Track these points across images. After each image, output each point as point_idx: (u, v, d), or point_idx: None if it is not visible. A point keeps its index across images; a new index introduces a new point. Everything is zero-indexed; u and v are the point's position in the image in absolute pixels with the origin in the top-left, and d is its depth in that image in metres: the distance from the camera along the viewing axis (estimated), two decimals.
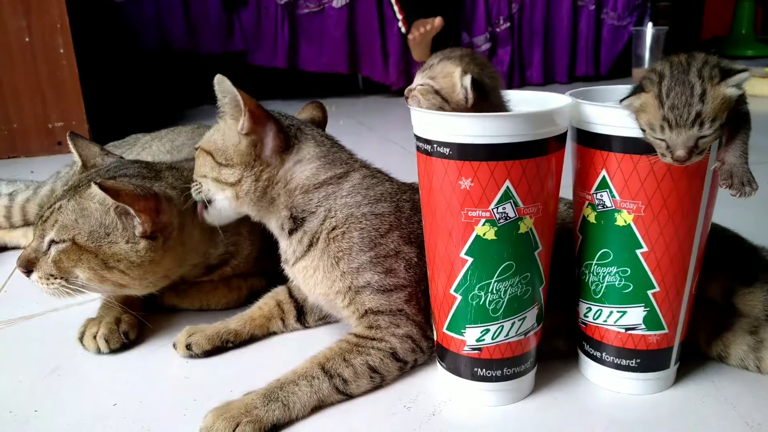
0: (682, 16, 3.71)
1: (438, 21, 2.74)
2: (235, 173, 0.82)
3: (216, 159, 0.82)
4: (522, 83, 3.39)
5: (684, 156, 0.62)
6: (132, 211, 0.84)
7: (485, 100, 0.71)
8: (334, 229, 0.81)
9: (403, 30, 2.91)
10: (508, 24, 3.27)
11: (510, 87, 3.30)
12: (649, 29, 3.14)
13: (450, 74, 0.69)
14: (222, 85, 0.80)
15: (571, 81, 3.45)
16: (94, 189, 0.83)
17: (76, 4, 2.11)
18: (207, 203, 0.85)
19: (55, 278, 0.86)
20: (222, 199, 0.83)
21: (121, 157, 1.01)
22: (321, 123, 0.96)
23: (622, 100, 0.66)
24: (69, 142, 0.96)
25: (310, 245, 0.82)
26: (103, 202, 0.85)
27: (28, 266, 0.87)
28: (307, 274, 0.83)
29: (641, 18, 3.44)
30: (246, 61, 3.01)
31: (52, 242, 0.86)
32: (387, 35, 3.05)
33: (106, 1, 2.75)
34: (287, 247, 0.85)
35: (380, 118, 2.68)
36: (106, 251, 0.85)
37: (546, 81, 3.42)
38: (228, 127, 0.82)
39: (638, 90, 0.65)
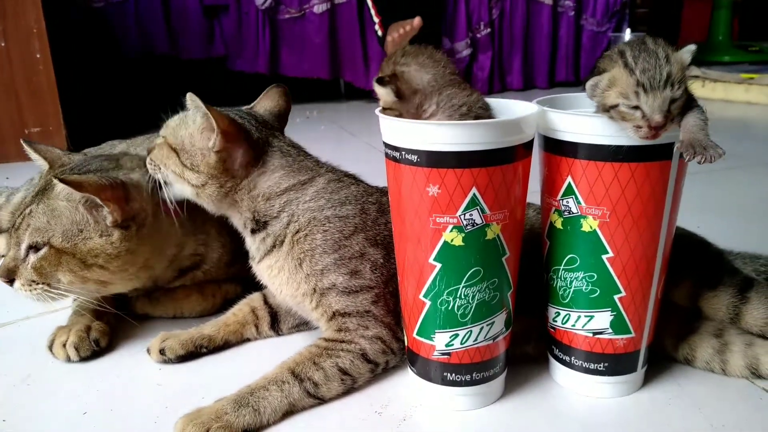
0: (659, 22, 3.76)
1: (417, 21, 2.74)
2: (199, 178, 0.82)
3: (181, 159, 0.82)
4: (503, 89, 3.41)
5: (661, 121, 0.63)
6: (99, 201, 0.84)
7: (410, 92, 0.72)
8: (297, 232, 0.81)
9: (379, 33, 2.91)
10: (489, 30, 3.29)
11: (491, 92, 3.35)
12: (627, 35, 3.19)
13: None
14: (194, 103, 0.80)
15: (552, 86, 3.48)
16: (59, 186, 0.83)
17: (53, 9, 2.09)
18: (164, 182, 0.85)
19: (38, 284, 0.86)
20: (181, 188, 0.84)
21: (85, 153, 1.00)
22: (285, 112, 0.94)
23: (585, 81, 0.68)
24: (27, 149, 0.95)
25: (274, 246, 0.83)
26: (70, 198, 0.85)
27: (8, 276, 0.86)
28: (272, 273, 0.84)
29: (620, 24, 3.49)
30: (227, 66, 3.00)
31: (30, 248, 0.86)
32: (368, 41, 3.06)
33: (85, 6, 2.73)
34: (251, 244, 0.86)
35: (362, 123, 2.69)
36: (82, 249, 0.85)
37: (526, 86, 3.45)
38: (197, 134, 0.81)
39: (597, 73, 0.67)
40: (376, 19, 2.89)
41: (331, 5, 2.98)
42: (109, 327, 0.94)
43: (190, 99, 0.80)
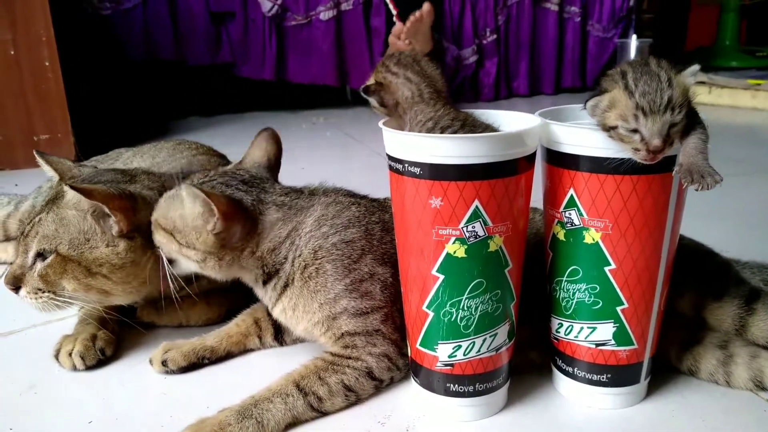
0: (666, 27, 3.75)
1: (426, 7, 2.72)
2: (198, 255, 0.81)
3: (176, 239, 0.81)
4: (509, 95, 3.42)
5: (660, 145, 0.63)
6: (107, 210, 0.84)
7: (391, 100, 0.75)
8: (306, 267, 0.81)
9: (397, 24, 2.88)
10: (495, 36, 3.30)
11: (497, 98, 3.35)
12: (634, 41, 3.19)
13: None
14: (190, 191, 0.77)
15: (558, 92, 3.48)
16: (69, 193, 0.84)
17: (61, 17, 2.12)
18: (168, 260, 0.84)
19: (43, 292, 0.86)
20: (186, 263, 0.83)
21: (95, 167, 1.02)
22: (275, 157, 0.92)
23: (586, 102, 0.68)
24: (39, 160, 0.97)
25: (286, 286, 0.82)
26: (78, 206, 0.86)
27: (15, 283, 0.87)
28: (288, 315, 0.83)
29: (626, 30, 3.49)
30: (233, 73, 3.02)
31: (37, 256, 0.87)
32: (374, 47, 3.07)
33: (93, 13, 2.76)
34: (263, 295, 0.86)
35: (368, 130, 2.69)
36: (87, 257, 0.86)
37: (532, 92, 3.45)
38: (192, 216, 0.79)
39: (599, 93, 0.67)
40: (393, 11, 2.87)
41: (338, 12, 2.99)
42: (114, 336, 0.94)
43: (186, 189, 0.77)
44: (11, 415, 0.80)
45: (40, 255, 0.86)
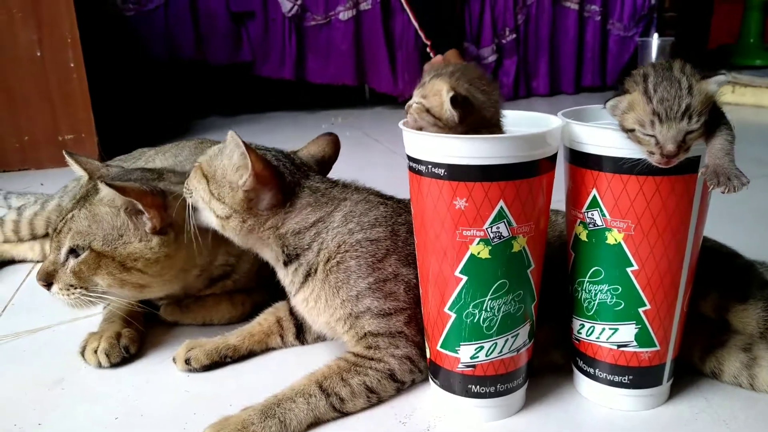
0: (688, 25, 3.70)
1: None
2: (224, 210, 0.82)
3: (210, 188, 0.83)
4: (528, 94, 3.40)
5: (674, 151, 0.63)
6: (141, 207, 0.86)
7: (474, 114, 0.71)
8: (329, 260, 0.81)
9: (432, 56, 2.95)
10: (514, 35, 3.28)
11: (516, 97, 3.34)
12: (655, 40, 3.15)
13: (438, 92, 0.69)
14: (234, 141, 0.80)
15: (578, 91, 3.45)
16: (103, 190, 0.86)
17: (86, 18, 2.15)
18: (194, 208, 0.86)
19: (75, 288, 0.88)
20: (208, 216, 0.85)
21: (121, 167, 1.03)
22: (329, 159, 0.95)
23: (606, 102, 0.67)
24: (69, 159, 0.99)
25: (307, 275, 0.83)
26: (112, 203, 0.88)
27: (47, 279, 0.89)
28: (309, 305, 0.84)
29: (647, 28, 3.44)
30: (253, 72, 3.04)
31: (70, 252, 0.88)
32: (394, 47, 3.07)
33: (117, 14, 2.79)
34: (284, 277, 0.86)
35: (387, 129, 2.69)
36: (122, 252, 0.88)
37: (552, 92, 3.42)
38: (231, 169, 0.81)
39: (621, 93, 0.67)
40: (427, 42, 2.95)
41: (357, 12, 3.00)
42: (138, 334, 0.96)
43: (231, 137, 0.80)
44: (40, 409, 0.82)
45: (73, 251, 0.88)
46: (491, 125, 0.73)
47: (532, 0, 3.27)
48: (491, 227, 0.68)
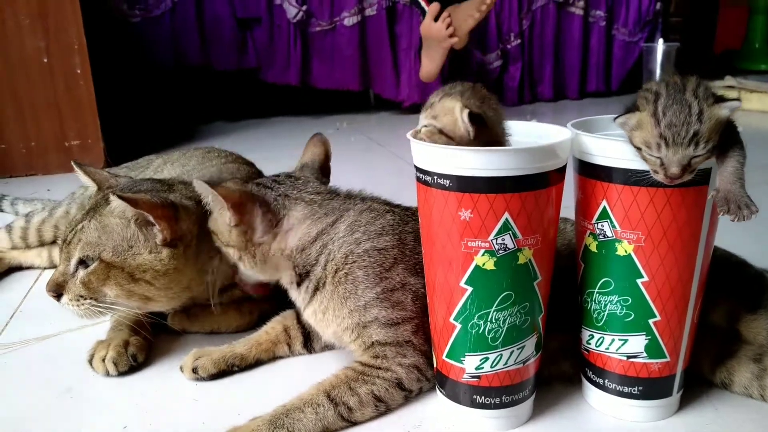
0: (694, 30, 3.70)
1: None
2: (235, 253, 0.85)
3: (220, 239, 0.86)
4: (533, 99, 3.40)
5: (678, 173, 0.63)
6: (152, 219, 0.87)
7: (487, 131, 0.72)
8: (336, 271, 0.82)
9: (426, 8, 2.82)
10: (519, 41, 3.28)
11: (521, 103, 3.34)
12: (660, 45, 3.14)
13: (451, 110, 0.69)
14: (200, 188, 0.83)
15: (582, 97, 3.45)
16: (114, 202, 0.86)
17: (92, 24, 2.16)
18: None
19: (85, 299, 0.88)
20: (239, 265, 0.87)
21: (130, 177, 1.04)
22: (322, 160, 0.95)
23: (616, 118, 0.67)
24: (78, 170, 0.99)
25: (316, 289, 0.83)
26: (123, 215, 0.88)
27: (57, 290, 0.89)
28: (318, 317, 0.84)
29: (652, 34, 3.44)
30: (258, 77, 3.05)
31: (80, 263, 0.89)
32: (398, 52, 3.08)
33: (123, 21, 2.81)
34: (296, 297, 0.87)
35: (391, 134, 2.70)
36: (131, 263, 0.88)
37: (557, 97, 3.42)
38: (219, 216, 0.84)
39: (632, 109, 0.66)
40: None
41: (362, 18, 3.00)
42: (146, 342, 0.96)
43: (197, 186, 0.82)
44: (50, 418, 0.82)
45: (83, 262, 0.88)
46: (499, 142, 0.74)
47: (537, 5, 3.28)
48: (496, 239, 0.68)
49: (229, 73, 3.01)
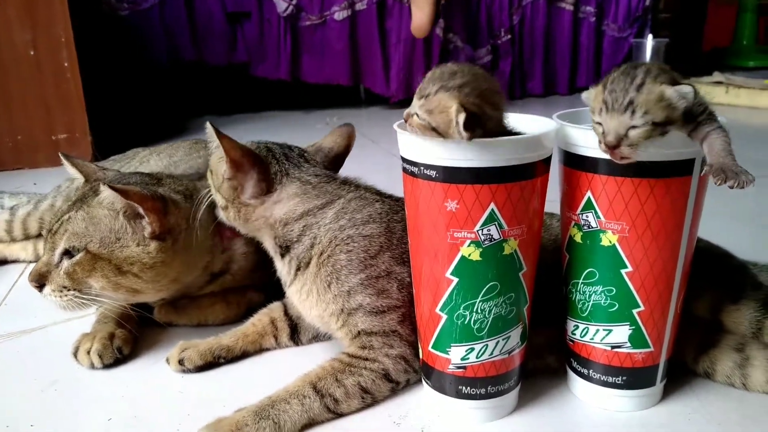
0: (683, 27, 3.71)
1: None
2: (222, 201, 0.87)
3: (213, 183, 0.88)
4: (523, 95, 3.40)
5: (612, 141, 0.64)
6: (141, 211, 0.87)
7: (481, 132, 0.67)
8: (322, 253, 0.82)
9: None
10: (509, 36, 3.28)
11: (511, 98, 3.35)
12: (650, 41, 3.16)
13: (446, 110, 0.65)
14: (210, 131, 0.83)
15: (572, 92, 3.45)
16: (104, 192, 0.86)
17: (80, 18, 2.14)
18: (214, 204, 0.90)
19: (69, 290, 0.87)
20: (218, 208, 0.89)
21: (116, 169, 1.03)
22: (341, 153, 0.95)
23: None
24: (65, 162, 0.98)
25: (298, 269, 0.84)
26: (111, 206, 0.88)
27: (40, 280, 0.88)
28: (301, 297, 0.85)
29: (642, 29, 3.45)
30: (249, 72, 3.04)
31: (65, 254, 0.88)
32: (388, 47, 3.07)
33: (111, 14, 2.78)
34: (281, 268, 0.88)
35: (382, 129, 2.69)
36: (118, 256, 0.87)
37: (547, 92, 3.43)
38: (219, 162, 0.86)
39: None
40: None
41: (352, 12, 3.00)
42: (131, 335, 0.96)
43: (208, 129, 0.83)
44: (32, 411, 0.82)
45: (68, 253, 0.88)
46: (493, 134, 0.69)
47: (527, 0, 3.28)
48: (482, 230, 0.68)
49: (219, 68, 3.00)
